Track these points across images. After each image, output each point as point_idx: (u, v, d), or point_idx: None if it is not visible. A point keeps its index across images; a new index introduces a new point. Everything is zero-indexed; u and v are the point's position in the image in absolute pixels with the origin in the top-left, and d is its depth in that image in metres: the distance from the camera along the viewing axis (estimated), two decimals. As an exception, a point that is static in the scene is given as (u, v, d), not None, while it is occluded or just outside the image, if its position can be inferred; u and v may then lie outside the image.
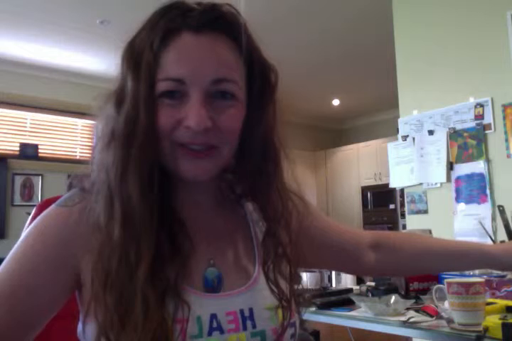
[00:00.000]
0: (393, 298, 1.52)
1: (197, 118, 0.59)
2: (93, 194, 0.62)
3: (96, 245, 0.59)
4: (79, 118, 5.26)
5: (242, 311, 0.63)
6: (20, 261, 0.61)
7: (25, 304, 0.59)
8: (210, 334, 0.60)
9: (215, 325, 0.61)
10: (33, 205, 0.89)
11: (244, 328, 0.63)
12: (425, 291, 1.59)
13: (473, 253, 0.88)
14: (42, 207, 0.66)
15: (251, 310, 0.64)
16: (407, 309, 1.45)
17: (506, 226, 1.54)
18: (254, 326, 0.63)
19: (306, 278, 2.10)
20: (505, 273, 1.43)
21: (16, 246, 0.63)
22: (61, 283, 0.61)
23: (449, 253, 0.89)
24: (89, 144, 5.36)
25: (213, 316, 0.61)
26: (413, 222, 3.18)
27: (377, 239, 0.88)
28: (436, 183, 3.00)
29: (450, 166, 2.93)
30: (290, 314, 0.66)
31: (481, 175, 2.77)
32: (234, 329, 0.62)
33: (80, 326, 0.65)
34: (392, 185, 3.33)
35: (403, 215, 4.09)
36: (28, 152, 4.94)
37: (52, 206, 0.65)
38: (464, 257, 0.89)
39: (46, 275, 0.60)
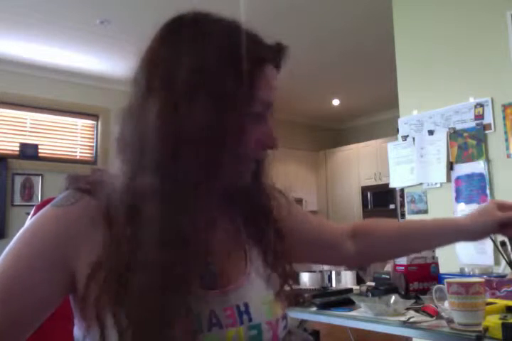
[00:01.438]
0: (393, 298, 1.52)
1: (277, 140, 0.68)
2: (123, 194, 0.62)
3: (102, 243, 0.60)
4: (79, 118, 5.26)
5: (238, 306, 0.66)
6: (15, 259, 0.61)
7: (19, 302, 0.59)
8: (209, 329, 0.62)
9: (214, 320, 0.63)
10: (33, 205, 0.88)
11: (241, 322, 0.65)
12: (425, 291, 1.60)
13: (449, 228, 0.90)
14: (40, 208, 0.66)
15: (246, 305, 0.67)
16: (407, 309, 1.45)
17: (506, 226, 1.54)
18: (250, 320, 0.66)
19: (306, 278, 2.10)
20: (505, 272, 1.43)
21: (11, 243, 0.63)
22: (56, 282, 0.61)
23: (427, 232, 0.92)
24: (90, 144, 5.36)
25: (212, 312, 0.63)
26: (413, 222, 3.17)
27: (355, 227, 0.91)
28: (436, 183, 3.00)
29: (450, 166, 2.92)
30: (282, 307, 0.70)
31: (481, 175, 2.77)
32: (232, 323, 0.64)
33: (77, 333, 0.65)
34: (392, 185, 3.33)
35: (403, 215, 4.09)
36: (28, 152, 4.94)
37: (48, 206, 0.65)
38: (441, 233, 0.91)
39: (41, 273, 0.60)
